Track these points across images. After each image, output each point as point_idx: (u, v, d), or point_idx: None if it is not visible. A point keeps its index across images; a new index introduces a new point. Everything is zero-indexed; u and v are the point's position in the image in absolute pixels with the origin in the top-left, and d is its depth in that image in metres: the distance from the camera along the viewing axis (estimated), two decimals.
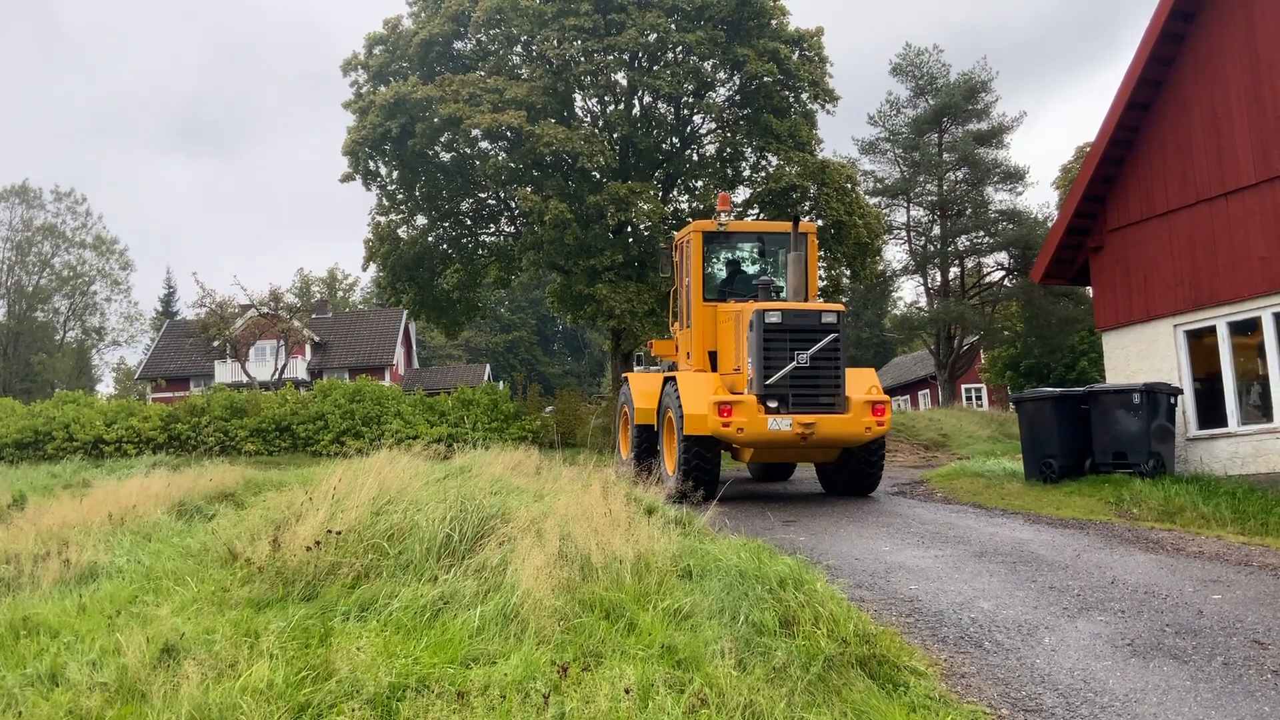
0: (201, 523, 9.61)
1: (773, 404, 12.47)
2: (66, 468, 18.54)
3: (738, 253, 15.46)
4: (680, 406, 12.75)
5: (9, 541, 8.35)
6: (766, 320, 12.49)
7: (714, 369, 14.04)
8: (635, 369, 17.50)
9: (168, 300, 74.02)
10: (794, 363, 12.47)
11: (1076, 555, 9.10)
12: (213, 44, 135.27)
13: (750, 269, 15.34)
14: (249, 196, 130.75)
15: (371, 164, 29.83)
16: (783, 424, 12.30)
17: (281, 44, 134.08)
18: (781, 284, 14.36)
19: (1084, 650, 6.09)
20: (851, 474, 14.05)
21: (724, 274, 15.30)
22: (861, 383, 13.45)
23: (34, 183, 60.05)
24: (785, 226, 14.53)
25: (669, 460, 13.65)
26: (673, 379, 13.46)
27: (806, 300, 13.54)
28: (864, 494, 14.26)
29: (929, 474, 18.47)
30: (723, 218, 14.77)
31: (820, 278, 30.52)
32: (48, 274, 58.95)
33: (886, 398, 13.27)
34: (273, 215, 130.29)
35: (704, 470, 12.67)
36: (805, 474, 18.33)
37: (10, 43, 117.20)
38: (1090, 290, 19.74)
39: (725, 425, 12.32)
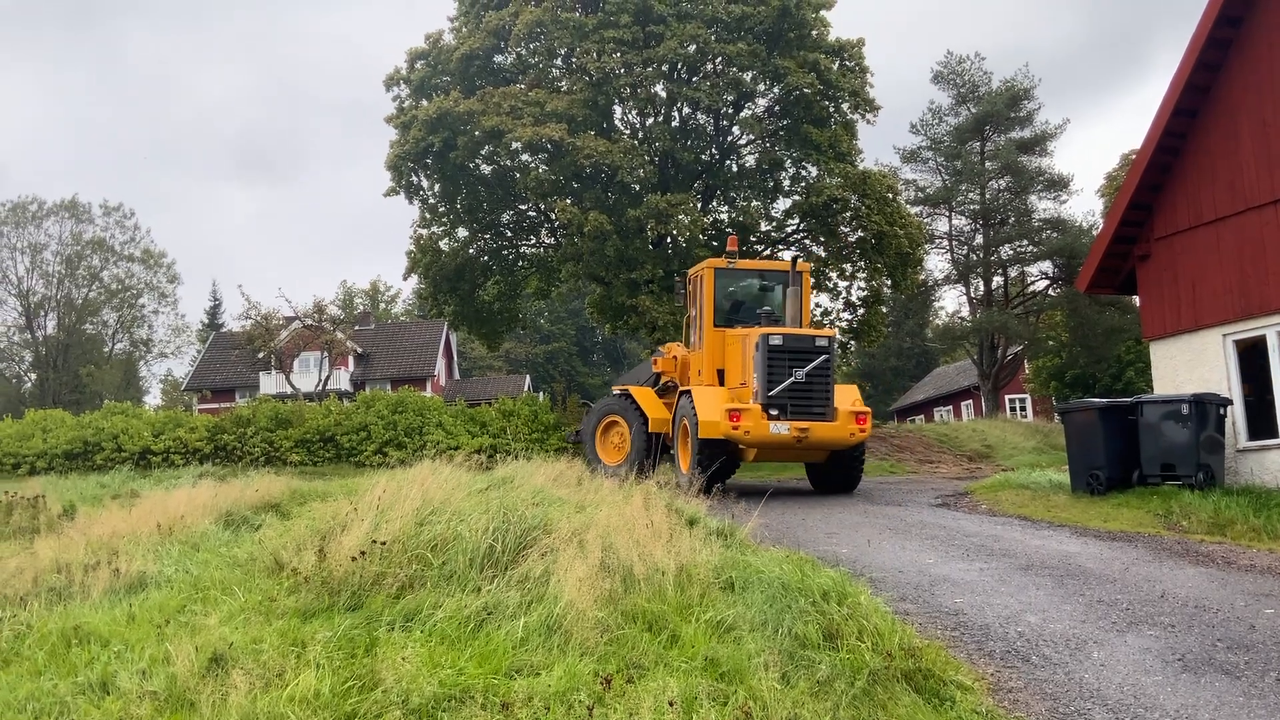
0: (248, 533, 9.72)
1: (774, 412, 14.95)
2: (115, 478, 18.82)
3: (743, 286, 17.53)
4: (695, 414, 14.95)
5: (60, 551, 8.47)
6: (770, 342, 15.06)
7: (721, 384, 16.17)
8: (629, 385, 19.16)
9: (214, 313, 75.05)
10: (792, 378, 15.04)
11: (1125, 568, 8.97)
12: (265, 77, 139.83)
13: (753, 301, 17.35)
14: (298, 218, 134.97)
15: (414, 178, 30.11)
16: (782, 429, 14.83)
17: (330, 75, 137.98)
18: (780, 315, 16.69)
19: (1134, 665, 6.00)
20: (837, 474, 16.54)
21: (729, 304, 17.31)
22: (847, 396, 16.00)
23: (83, 198, 61.14)
24: (784, 265, 17.31)
25: (684, 460, 15.69)
26: (688, 392, 15.59)
27: (801, 327, 16.04)
28: (848, 491, 16.51)
29: (973, 485, 18.28)
30: (731, 256, 17.02)
31: (860, 288, 30.46)
32: (96, 287, 59.95)
33: (868, 409, 16.00)
34: (320, 234, 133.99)
35: (714, 466, 14.77)
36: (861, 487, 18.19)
37: (78, 73, 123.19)
38: (1137, 299, 19.45)
39: (735, 429, 14.73)
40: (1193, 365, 15.08)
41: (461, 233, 32.09)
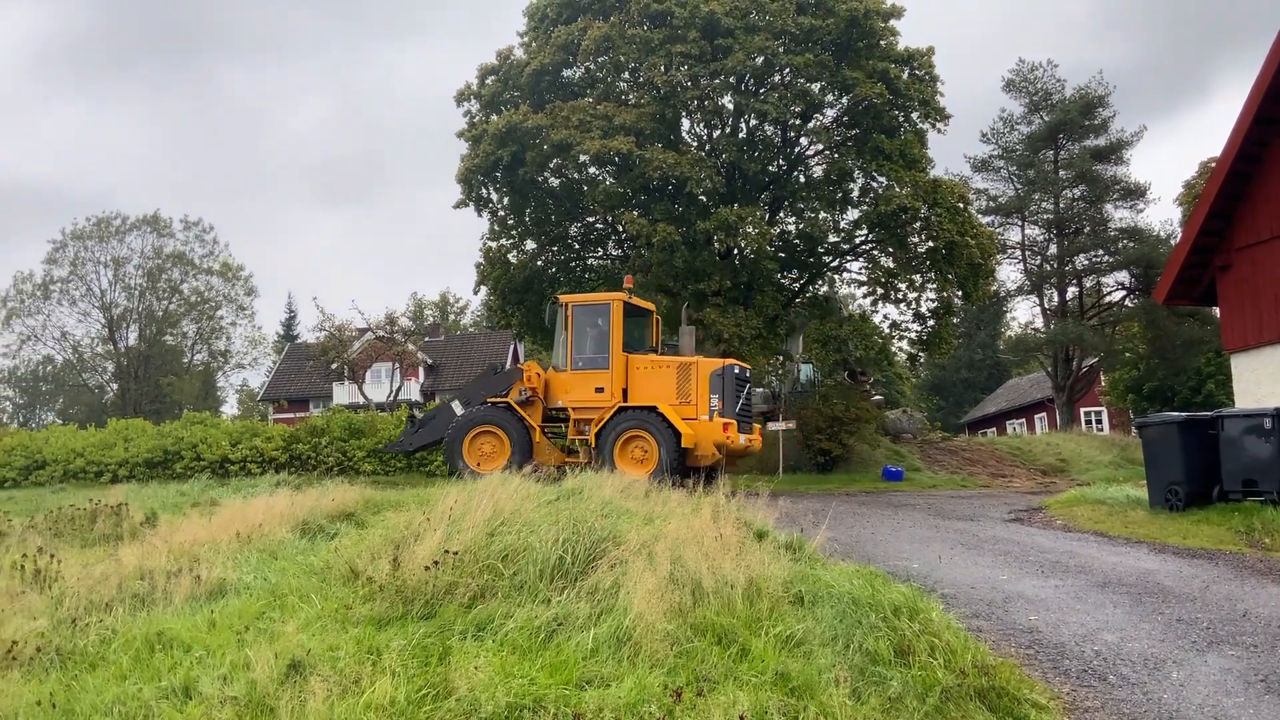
0: (324, 541, 9.88)
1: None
2: (194, 486, 19.23)
3: (636, 320, 19.51)
4: (672, 426, 17.36)
5: (143, 558, 8.64)
6: (735, 372, 18.29)
7: (623, 401, 18.10)
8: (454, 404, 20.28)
9: (289, 325, 76.51)
10: (742, 399, 18.48)
11: (1205, 587, 8.76)
12: (347, 106, 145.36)
13: (636, 335, 19.57)
14: (374, 237, 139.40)
15: (484, 190, 30.49)
16: (742, 439, 18.18)
17: (406, 101, 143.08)
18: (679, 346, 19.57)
19: (1214, 686, 5.86)
20: (714, 472, 18.18)
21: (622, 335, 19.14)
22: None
23: (164, 213, 62.83)
24: (648, 304, 20.30)
25: (639, 465, 17.53)
26: (652, 408, 17.70)
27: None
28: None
29: (1047, 500, 17.98)
30: (631, 292, 19.18)
31: (930, 299, 30.12)
32: (176, 299, 61.48)
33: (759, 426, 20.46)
34: (394, 251, 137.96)
35: (682, 465, 17.35)
36: (917, 500, 17.99)
37: (174, 104, 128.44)
38: (1217, 310, 18.98)
39: (726, 439, 17.64)
40: (1276, 378, 14.68)
41: (530, 245, 32.41)
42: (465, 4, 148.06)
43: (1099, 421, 51.38)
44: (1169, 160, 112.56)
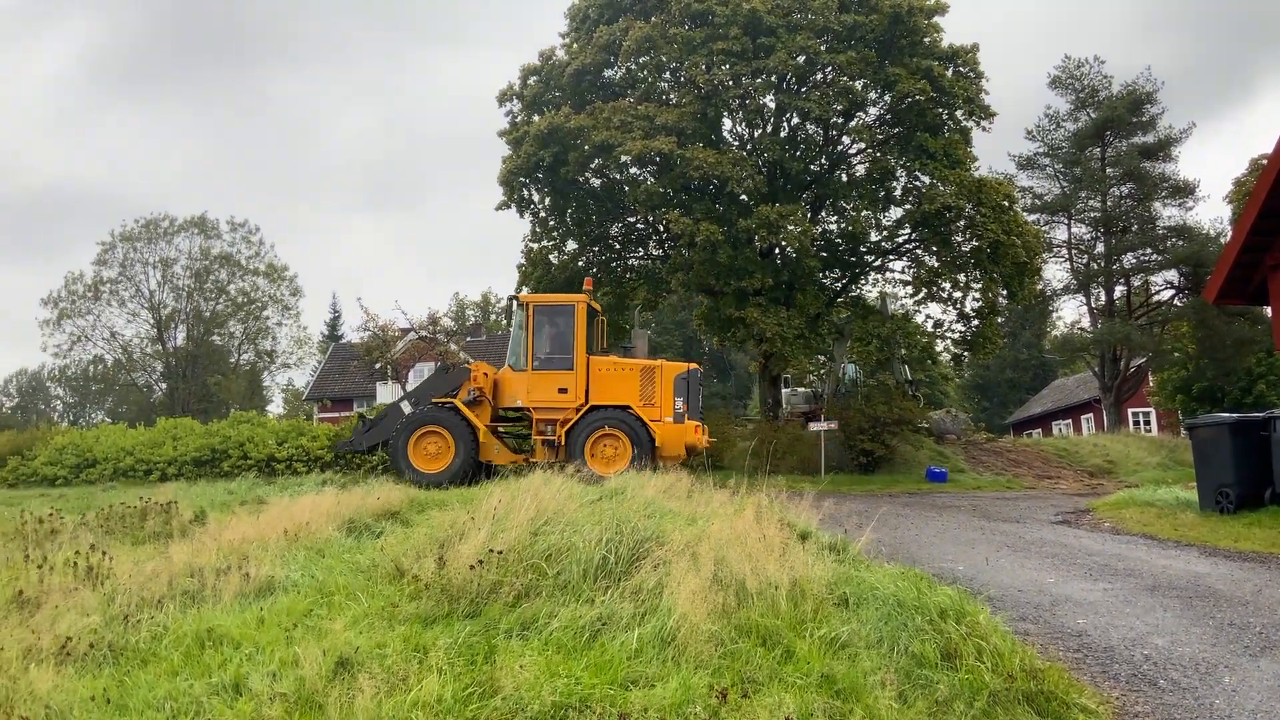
0: (370, 539, 9.96)
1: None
2: (242, 484, 19.43)
3: (594, 322, 20.01)
4: (648, 427, 18.14)
5: (193, 555, 8.75)
6: (699, 375, 19.41)
7: (586, 402, 18.60)
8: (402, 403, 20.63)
9: (333, 325, 77.22)
10: (699, 401, 19.55)
11: (1258, 591, 8.61)
12: (391, 113, 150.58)
13: (591, 336, 19.87)
14: (417, 240, 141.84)
15: (525, 191, 30.62)
16: (704, 438, 19.24)
17: (451, 107, 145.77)
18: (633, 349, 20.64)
19: (1268, 691, 5.76)
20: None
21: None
22: None
23: (211, 214, 63.55)
24: (599, 306, 20.92)
25: (606, 461, 18.14)
26: (625, 407, 18.37)
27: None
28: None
29: (1095, 502, 17.75)
30: (590, 295, 19.78)
31: (975, 298, 29.83)
32: (223, 300, 62.24)
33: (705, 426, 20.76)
34: (437, 253, 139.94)
35: (652, 465, 17.51)
36: (961, 501, 17.83)
37: (226, 111, 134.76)
38: (1268, 310, 18.63)
39: (696, 439, 18.63)
40: None
41: (571, 245, 32.49)
42: (508, 10, 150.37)
43: (1147, 422, 50.60)
44: (1217, 158, 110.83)
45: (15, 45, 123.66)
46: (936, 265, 29.43)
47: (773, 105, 29.28)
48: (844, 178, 30.81)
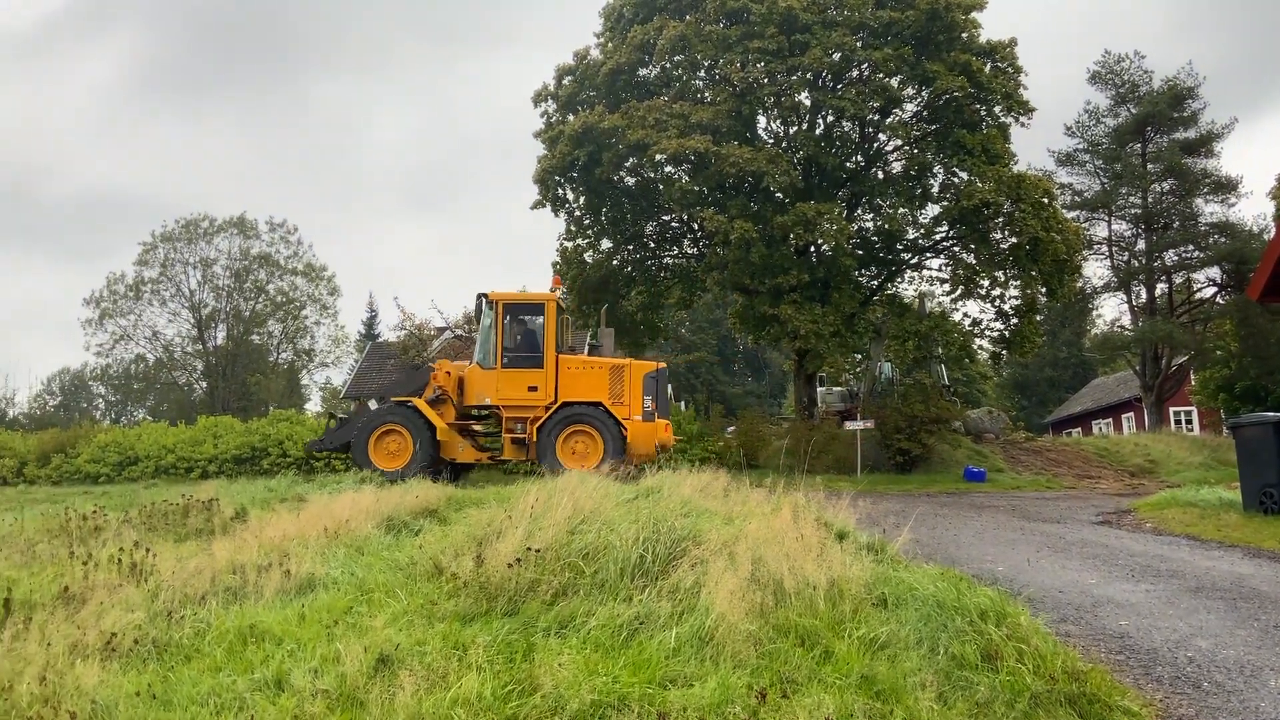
0: (408, 537, 10.02)
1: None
2: (281, 482, 19.58)
3: (561, 320, 19.97)
4: (621, 425, 18.27)
5: (235, 552, 8.82)
6: (667, 374, 19.52)
7: (555, 400, 18.68)
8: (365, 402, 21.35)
9: (370, 324, 77.71)
10: (670, 398, 20.14)
11: None
12: (431, 117, 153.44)
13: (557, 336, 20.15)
14: (455, 241, 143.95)
15: (560, 191, 30.69)
16: (670, 436, 19.36)
17: (490, 110, 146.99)
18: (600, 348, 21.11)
19: None
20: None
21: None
22: None
23: (250, 215, 64.19)
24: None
25: (579, 458, 18.30)
26: (599, 404, 18.48)
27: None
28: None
29: (1136, 502, 17.54)
30: (562, 295, 20.15)
31: (1013, 296, 29.52)
32: (263, 299, 62.88)
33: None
34: (473, 253, 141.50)
35: (623, 459, 18.02)
36: (1000, 501, 17.68)
37: (268, 116, 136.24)
38: None
39: (666, 437, 18.79)
40: None
41: (605, 244, 32.56)
42: (547, 14, 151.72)
43: (1189, 422, 49.90)
44: (1260, 154, 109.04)
45: (65, 54, 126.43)
46: (974, 262, 29.17)
47: (808, 103, 29.16)
48: (880, 175, 30.64)
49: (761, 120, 30.17)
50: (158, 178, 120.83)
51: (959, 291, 29.52)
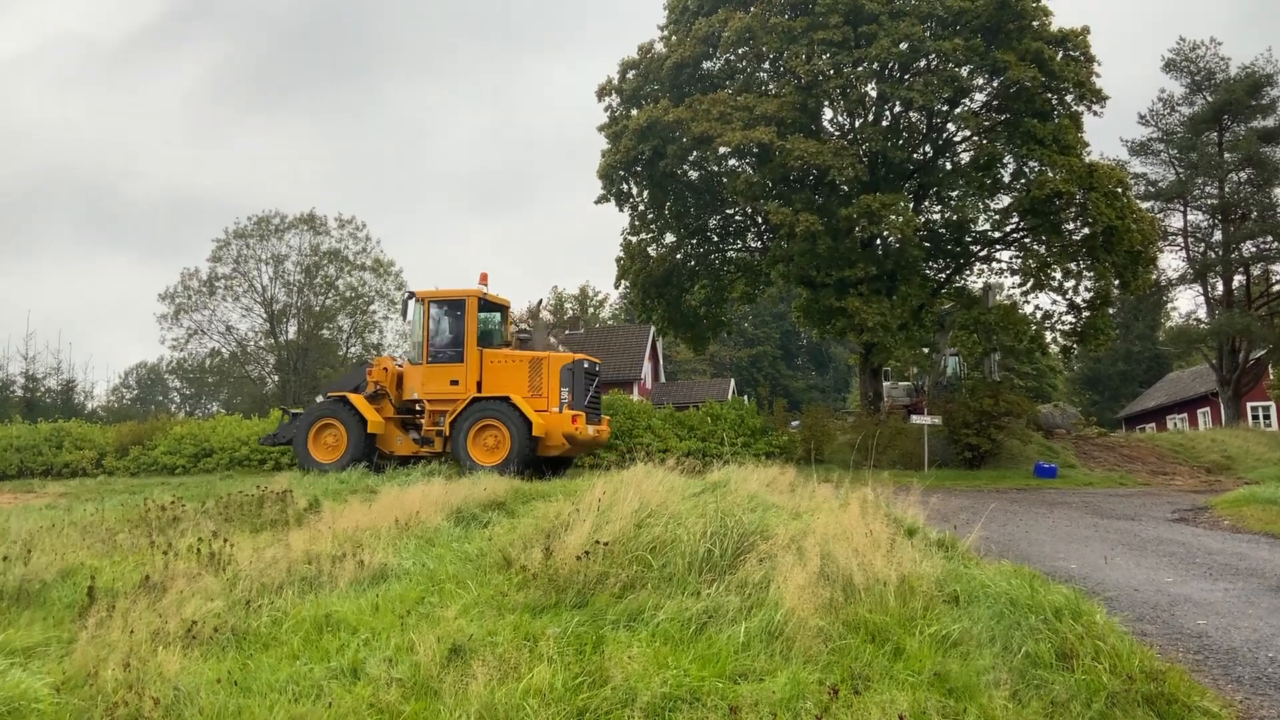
0: (477, 529, 10.15)
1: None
2: (352, 475, 19.96)
3: (488, 315, 20.36)
4: (523, 415, 18.20)
5: (310, 543, 9.00)
6: (584, 367, 19.47)
7: (479, 392, 18.91)
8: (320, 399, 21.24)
9: None
10: (591, 393, 19.67)
11: None
12: (499, 121, 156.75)
13: (491, 329, 20.53)
14: (523, 241, 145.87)
15: (624, 185, 30.69)
16: (590, 430, 19.13)
17: (553, 111, 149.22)
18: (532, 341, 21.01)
19: None
20: (564, 464, 20.73)
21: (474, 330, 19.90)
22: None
23: (320, 211, 65.27)
24: (503, 300, 20.81)
25: (487, 453, 18.50)
26: (505, 398, 18.55)
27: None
28: (558, 473, 19.69)
29: (1213, 499, 17.12)
30: (487, 289, 19.99)
31: (1086, 288, 28.92)
32: (332, 295, 63.80)
33: (606, 418, 21.61)
34: (538, 251, 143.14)
35: (533, 456, 18.53)
36: (1072, 498, 17.36)
37: (341, 119, 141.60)
38: None
39: (575, 429, 18.47)
40: None
41: (669, 238, 32.49)
42: (613, 14, 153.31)
43: (1267, 417, 48.54)
44: None
45: (153, 61, 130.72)
46: (1046, 254, 28.62)
47: (875, 94, 28.84)
48: (948, 166, 30.17)
49: (827, 112, 29.90)
50: (235, 179, 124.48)
51: (1030, 284, 28.98)
